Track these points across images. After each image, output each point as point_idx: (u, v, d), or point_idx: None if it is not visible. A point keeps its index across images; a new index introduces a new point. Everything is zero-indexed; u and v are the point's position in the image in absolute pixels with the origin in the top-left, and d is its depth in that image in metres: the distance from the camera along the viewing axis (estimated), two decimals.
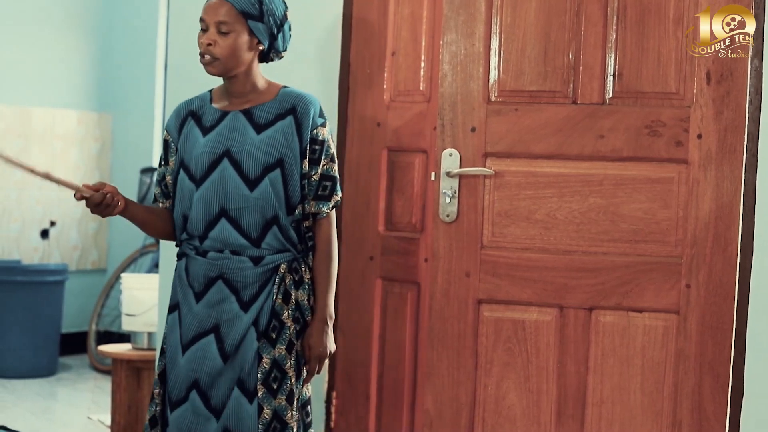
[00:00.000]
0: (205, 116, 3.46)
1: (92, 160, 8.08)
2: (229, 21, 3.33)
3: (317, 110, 3.42)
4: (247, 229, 3.36)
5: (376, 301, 4.23)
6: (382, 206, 4.21)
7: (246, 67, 3.39)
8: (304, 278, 3.42)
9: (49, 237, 7.89)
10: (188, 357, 3.37)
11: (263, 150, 3.37)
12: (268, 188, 3.36)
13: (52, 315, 7.36)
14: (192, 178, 3.42)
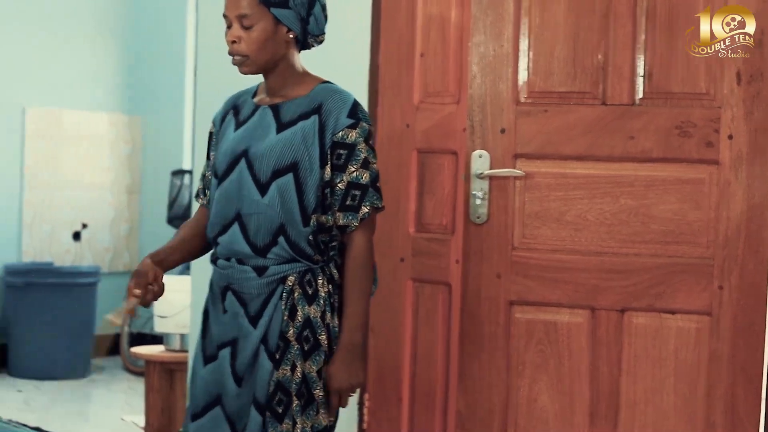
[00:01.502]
0: (243, 110, 3.22)
1: (123, 162, 8.12)
2: (251, 13, 3.06)
3: (347, 109, 3.10)
4: (254, 237, 3.08)
5: (407, 303, 4.23)
6: (412, 208, 4.20)
7: (281, 60, 3.12)
8: (320, 292, 3.09)
9: (81, 239, 7.93)
10: (210, 369, 3.16)
11: (277, 152, 3.08)
12: (276, 195, 3.06)
13: (84, 317, 7.40)
14: (215, 175, 3.20)
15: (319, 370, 3.08)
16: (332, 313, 3.11)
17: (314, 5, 3.14)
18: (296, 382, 3.06)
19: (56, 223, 7.81)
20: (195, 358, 3.24)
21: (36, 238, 7.72)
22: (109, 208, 8.07)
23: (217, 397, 3.14)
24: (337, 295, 3.14)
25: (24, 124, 7.65)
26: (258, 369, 3.08)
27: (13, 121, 7.61)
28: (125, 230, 8.15)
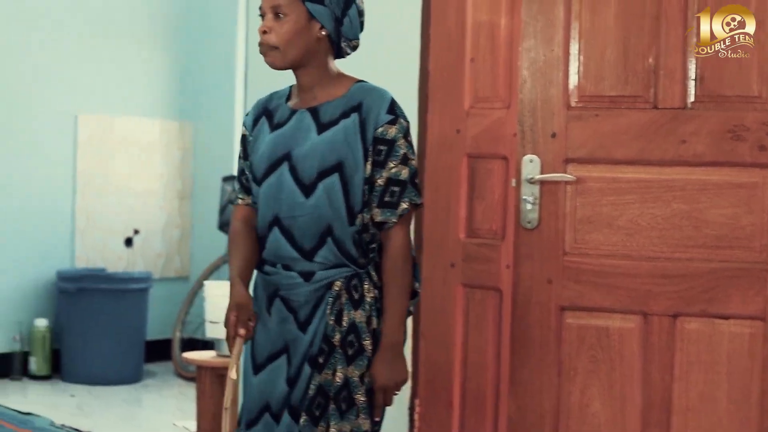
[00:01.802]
0: (277, 113, 3.19)
1: (174, 168, 8.16)
2: (284, 4, 3.04)
3: (386, 106, 3.08)
4: (300, 240, 3.07)
5: (457, 308, 4.22)
6: (462, 213, 4.19)
7: (312, 58, 3.09)
8: (366, 297, 3.08)
9: (133, 245, 7.98)
10: (262, 378, 3.15)
11: (320, 152, 3.05)
12: (323, 196, 3.04)
13: (136, 322, 7.44)
14: (255, 179, 3.17)
15: (361, 375, 3.08)
16: (378, 318, 3.10)
17: (350, 7, 3.12)
18: (336, 386, 3.06)
19: (108, 230, 7.87)
20: (245, 367, 3.23)
21: (88, 244, 7.77)
22: (161, 214, 8.12)
23: (268, 404, 3.14)
24: (382, 299, 3.12)
25: (76, 131, 7.71)
26: (300, 374, 3.09)
27: (65, 129, 7.68)
28: (177, 236, 8.20)
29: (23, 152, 7.48)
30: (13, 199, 7.43)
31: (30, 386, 7.19)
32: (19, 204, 7.45)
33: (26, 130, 7.49)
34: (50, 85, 7.59)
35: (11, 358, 7.32)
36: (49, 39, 7.57)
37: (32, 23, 7.48)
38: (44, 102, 7.57)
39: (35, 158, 7.54)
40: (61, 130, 7.66)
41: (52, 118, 7.62)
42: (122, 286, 7.38)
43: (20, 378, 7.29)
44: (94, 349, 7.25)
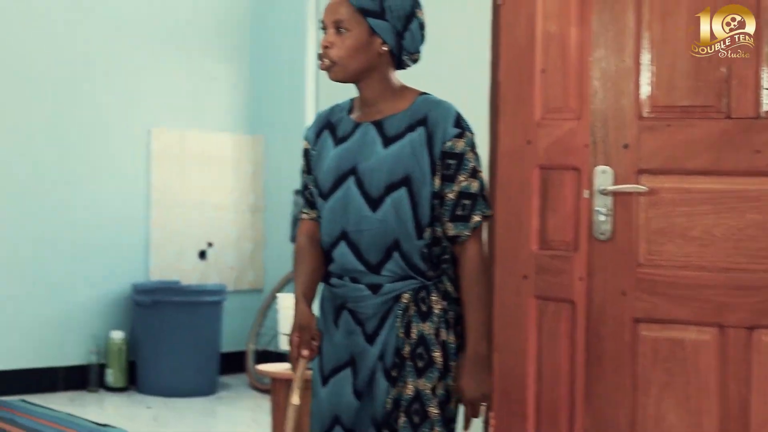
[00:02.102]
0: (340, 127, 3.19)
1: (246, 181, 8.21)
2: (346, 19, 3.05)
3: (452, 119, 3.08)
4: (366, 254, 3.07)
5: (530, 320, 4.20)
6: (534, 225, 4.17)
7: (374, 71, 3.10)
8: (434, 309, 3.09)
9: (207, 258, 8.04)
10: (329, 390, 3.16)
11: (387, 166, 3.05)
12: (391, 210, 3.04)
13: (211, 335, 7.49)
14: (321, 193, 3.17)
15: (433, 387, 3.08)
16: (447, 330, 3.10)
17: (412, 21, 3.12)
18: (407, 398, 3.06)
19: (182, 243, 7.93)
20: (314, 379, 3.24)
21: (163, 258, 7.84)
22: (234, 227, 8.17)
23: (338, 417, 3.15)
24: (452, 311, 3.12)
25: (150, 146, 7.79)
26: (375, 387, 3.09)
27: (139, 143, 7.76)
28: (249, 249, 8.24)
29: (98, 167, 7.56)
30: (88, 214, 7.51)
31: (106, 398, 7.26)
32: (95, 218, 7.54)
33: (101, 145, 7.58)
34: (124, 101, 7.68)
35: (88, 370, 7.40)
36: (123, 55, 7.65)
37: (105, 39, 7.57)
38: (118, 117, 7.65)
39: (110, 173, 7.63)
40: (135, 144, 7.74)
41: (126, 132, 7.70)
42: (196, 299, 7.43)
43: (97, 390, 7.37)
44: (169, 361, 7.30)
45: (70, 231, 7.44)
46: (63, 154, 7.41)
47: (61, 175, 7.41)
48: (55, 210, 7.38)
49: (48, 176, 7.36)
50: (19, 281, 7.23)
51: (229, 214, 8.14)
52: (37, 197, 7.30)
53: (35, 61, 7.28)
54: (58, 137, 7.39)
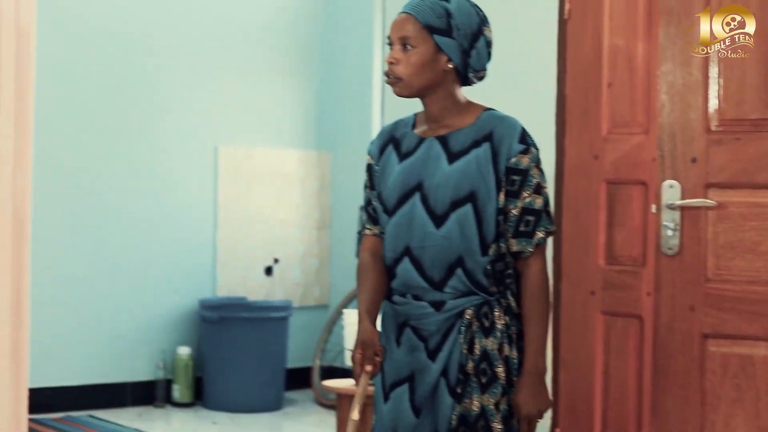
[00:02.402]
0: (405, 142, 3.19)
1: (313, 198, 8.24)
2: (413, 36, 3.06)
3: (517, 135, 3.07)
4: (429, 270, 3.07)
5: (598, 336, 4.17)
6: (601, 240, 4.15)
7: (439, 88, 3.11)
8: (497, 324, 3.08)
9: (273, 274, 8.07)
10: (389, 406, 3.16)
11: (453, 182, 3.06)
12: (455, 226, 3.04)
13: (277, 350, 7.51)
14: (385, 209, 3.17)
15: (496, 402, 3.08)
16: (510, 345, 3.10)
17: (478, 39, 3.12)
18: (474, 414, 3.06)
19: (249, 259, 7.97)
20: (376, 395, 3.25)
21: (229, 274, 7.88)
22: (300, 243, 8.19)
23: None
24: (514, 326, 3.12)
25: (217, 163, 7.84)
26: (439, 404, 3.09)
27: (206, 160, 7.81)
28: (315, 265, 8.26)
29: (165, 184, 7.62)
30: (156, 231, 7.57)
31: (173, 413, 7.30)
32: (163, 235, 7.59)
33: (168, 163, 7.64)
34: (191, 118, 7.73)
35: (155, 385, 7.44)
36: (190, 72, 7.71)
37: (172, 57, 7.63)
38: (185, 135, 7.71)
39: (177, 190, 7.68)
40: (203, 162, 7.79)
41: (193, 150, 7.75)
42: (263, 315, 7.46)
43: (164, 405, 7.41)
44: (235, 376, 7.33)
45: (138, 248, 7.50)
46: (131, 172, 7.47)
47: (130, 193, 7.47)
48: (123, 227, 7.44)
49: (117, 193, 7.42)
50: (87, 297, 7.29)
51: (295, 231, 8.17)
52: (106, 214, 7.37)
53: (102, 81, 7.36)
54: (127, 155, 7.46)
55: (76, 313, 7.24)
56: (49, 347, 7.00)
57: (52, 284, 7.08)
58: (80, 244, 7.26)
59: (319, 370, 7.79)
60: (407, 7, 3.13)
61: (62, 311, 7.19)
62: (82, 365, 7.29)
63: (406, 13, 3.12)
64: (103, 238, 7.35)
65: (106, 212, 7.37)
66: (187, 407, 7.42)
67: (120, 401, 7.41)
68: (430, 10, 3.08)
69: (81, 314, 7.26)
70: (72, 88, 7.26)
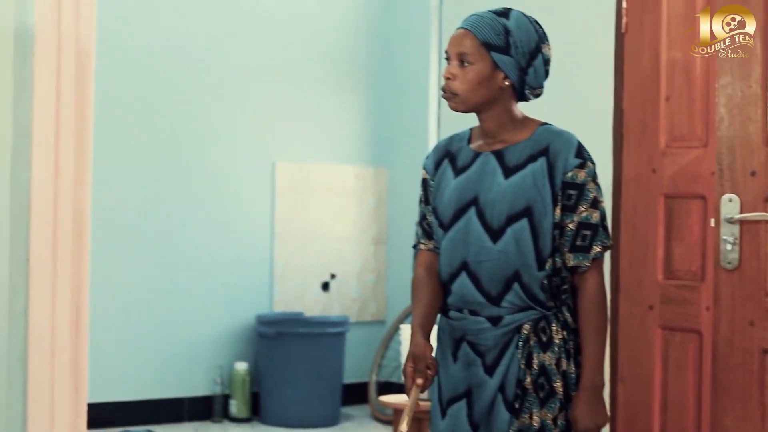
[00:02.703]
0: (460, 156, 3.18)
1: (369, 213, 8.25)
2: (470, 52, 3.06)
3: (573, 149, 3.06)
4: (487, 285, 3.06)
5: (656, 351, 4.15)
6: (660, 254, 4.13)
7: (495, 104, 3.09)
8: (554, 339, 3.06)
9: (330, 289, 8.08)
10: (447, 422, 3.15)
11: (509, 197, 3.04)
12: (512, 241, 3.03)
13: (334, 365, 7.52)
14: (441, 224, 3.16)
15: (554, 417, 3.06)
16: (568, 360, 3.08)
17: (536, 57, 3.10)
18: (532, 430, 3.04)
19: (306, 274, 7.99)
20: (433, 410, 3.24)
21: (286, 289, 7.90)
22: (356, 259, 8.21)
23: None
24: (572, 341, 3.10)
25: (274, 179, 7.87)
26: (495, 419, 3.07)
27: (264, 177, 7.85)
28: (372, 280, 8.27)
29: (224, 201, 7.66)
30: (214, 246, 7.61)
31: (230, 428, 7.33)
32: (220, 251, 7.63)
33: (226, 179, 7.68)
34: (249, 135, 7.78)
35: (212, 400, 7.48)
36: (247, 89, 7.76)
37: (229, 75, 7.68)
38: (243, 151, 7.75)
39: (235, 206, 7.73)
40: (260, 178, 7.83)
41: (251, 166, 7.79)
42: (320, 330, 7.47)
43: (221, 420, 7.44)
44: (292, 391, 7.35)
45: (196, 264, 7.54)
46: (190, 188, 7.52)
47: (189, 209, 7.52)
48: (182, 243, 7.48)
49: (176, 209, 7.47)
50: (146, 314, 7.34)
51: (351, 246, 8.19)
52: (165, 231, 7.42)
53: (161, 98, 7.42)
54: (186, 171, 7.51)
55: (134, 329, 7.29)
56: (108, 363, 7.05)
57: (111, 301, 7.14)
58: (138, 259, 7.31)
59: (376, 386, 7.79)
60: (466, 23, 3.12)
61: (121, 327, 7.25)
62: (141, 380, 7.34)
63: (464, 29, 3.11)
64: (161, 255, 7.40)
65: (165, 228, 7.42)
66: (244, 422, 7.45)
67: (178, 416, 7.45)
68: (489, 27, 3.07)
69: (139, 330, 7.30)
70: (131, 106, 7.32)
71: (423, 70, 8.04)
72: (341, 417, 7.61)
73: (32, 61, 4.04)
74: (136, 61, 7.34)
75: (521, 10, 3.15)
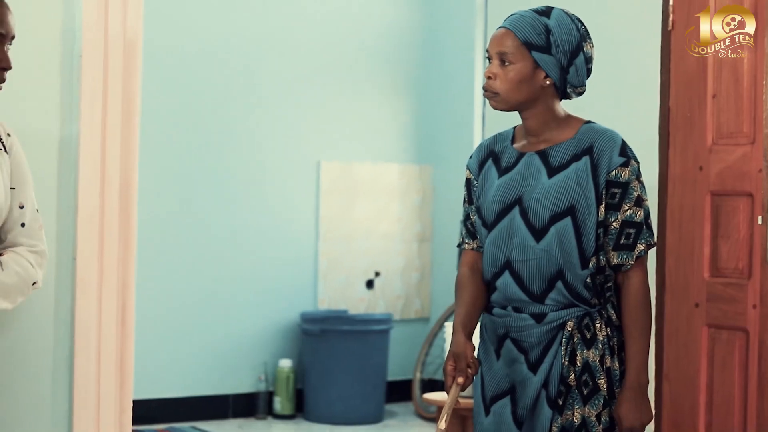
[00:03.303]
0: (504, 156, 3.19)
1: (414, 211, 8.25)
2: (511, 52, 3.05)
3: (617, 148, 3.06)
4: (530, 284, 3.08)
5: (702, 349, 4.13)
6: (706, 252, 4.11)
7: (537, 103, 3.09)
8: (598, 336, 3.06)
9: (374, 287, 8.09)
10: (491, 419, 3.15)
11: (552, 196, 3.05)
12: (555, 240, 3.04)
13: (378, 363, 7.52)
14: (484, 223, 3.17)
15: (598, 414, 3.06)
16: (612, 357, 3.08)
17: (578, 56, 3.10)
18: (575, 426, 3.04)
19: (350, 272, 8.00)
20: (476, 408, 3.24)
21: (331, 287, 7.92)
22: (401, 256, 8.21)
23: None
24: (615, 337, 3.10)
25: (319, 178, 7.89)
26: (539, 416, 3.07)
27: (308, 175, 7.86)
28: (416, 278, 8.27)
29: (268, 199, 7.69)
30: (259, 245, 7.63)
31: (274, 425, 7.35)
32: (265, 249, 7.66)
33: (271, 178, 7.70)
34: (294, 134, 7.79)
35: (257, 397, 7.50)
36: (291, 88, 7.77)
37: (274, 73, 7.70)
38: (288, 150, 7.77)
39: (280, 205, 7.75)
40: (305, 177, 7.85)
41: (296, 165, 7.81)
42: (364, 328, 7.48)
43: (265, 417, 7.46)
44: (336, 389, 7.36)
45: (241, 262, 7.57)
46: (235, 186, 7.55)
47: (234, 207, 7.55)
48: (227, 241, 7.51)
49: (221, 207, 7.50)
50: (191, 311, 7.37)
51: (396, 244, 8.19)
52: (210, 229, 7.45)
53: (206, 97, 7.45)
54: (230, 170, 7.54)
55: (180, 327, 7.33)
56: (153, 360, 7.09)
57: (157, 298, 7.17)
58: (184, 258, 7.35)
59: (420, 383, 7.79)
60: (507, 22, 3.12)
61: (167, 324, 7.28)
62: (186, 377, 7.37)
63: (505, 29, 3.11)
64: (206, 253, 7.44)
65: (210, 227, 7.46)
66: (288, 419, 7.47)
67: (222, 413, 7.48)
68: (529, 26, 3.07)
69: (185, 327, 7.34)
70: (176, 107, 7.36)
71: (468, 66, 8.04)
72: (385, 414, 7.61)
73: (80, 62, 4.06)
74: (181, 63, 7.38)
75: (567, 8, 3.14)
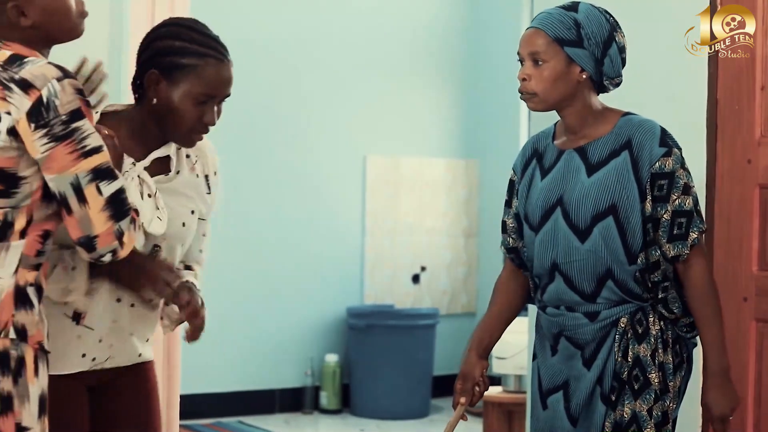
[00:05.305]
0: (546, 155, 3.17)
1: (460, 206, 8.25)
2: (543, 50, 3.03)
3: (657, 139, 3.02)
4: (579, 284, 3.05)
5: (750, 344, 4.09)
6: (755, 246, 4.07)
7: (575, 99, 3.06)
8: (651, 330, 3.04)
9: (420, 282, 8.09)
10: (547, 414, 3.15)
11: (593, 195, 3.03)
12: (599, 240, 3.01)
13: (424, 358, 7.53)
14: (531, 226, 3.15)
15: (649, 409, 3.04)
16: (665, 351, 3.06)
17: (610, 46, 3.07)
18: (625, 421, 3.03)
19: (396, 267, 8.00)
20: (533, 402, 3.24)
21: (377, 282, 7.93)
22: (447, 251, 8.20)
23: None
24: (669, 331, 3.08)
25: (365, 172, 7.90)
26: (593, 412, 3.07)
27: (355, 169, 7.87)
28: (462, 273, 8.26)
29: (315, 193, 7.70)
30: (306, 239, 7.65)
31: (321, 420, 7.37)
32: (312, 243, 7.67)
33: (318, 172, 7.72)
34: (340, 128, 7.81)
35: (303, 392, 7.52)
36: (338, 82, 7.79)
37: (321, 67, 7.71)
38: (334, 144, 7.78)
39: (326, 199, 7.76)
40: (351, 171, 7.86)
41: (342, 159, 7.83)
42: (410, 322, 7.49)
43: (311, 412, 7.48)
44: (382, 384, 7.37)
45: (288, 256, 7.59)
46: (282, 181, 7.57)
47: (280, 202, 7.57)
48: (273, 236, 7.54)
49: (267, 202, 7.53)
50: (237, 306, 7.40)
51: (442, 239, 8.19)
52: (256, 223, 7.48)
53: (253, 91, 7.47)
54: (277, 164, 7.56)
55: (226, 321, 7.35)
56: (200, 354, 7.12)
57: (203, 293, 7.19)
58: (230, 252, 7.37)
59: None
60: (535, 22, 3.10)
61: (213, 319, 7.26)
62: (232, 372, 7.41)
63: (534, 28, 3.09)
64: (252, 247, 7.46)
65: (257, 221, 7.48)
66: (334, 414, 7.48)
67: (269, 408, 7.51)
68: (558, 22, 3.05)
69: (231, 322, 7.37)
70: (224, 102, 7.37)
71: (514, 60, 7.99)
72: (431, 409, 7.61)
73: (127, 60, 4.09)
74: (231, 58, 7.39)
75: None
